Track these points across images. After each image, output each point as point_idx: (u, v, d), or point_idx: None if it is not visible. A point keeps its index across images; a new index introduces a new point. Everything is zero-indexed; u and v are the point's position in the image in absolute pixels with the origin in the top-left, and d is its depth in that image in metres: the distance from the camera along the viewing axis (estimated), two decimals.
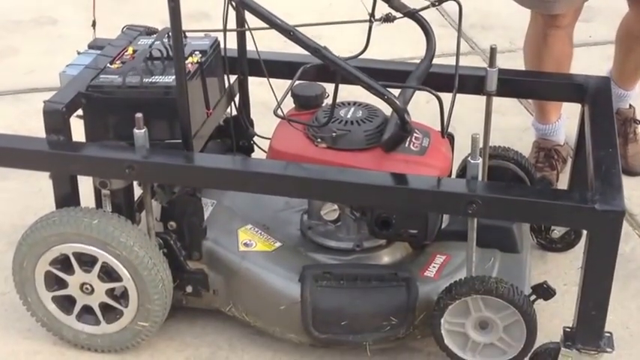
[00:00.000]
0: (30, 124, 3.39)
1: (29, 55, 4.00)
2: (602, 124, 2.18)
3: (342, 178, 2.02)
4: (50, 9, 4.44)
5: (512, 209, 1.96)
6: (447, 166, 2.23)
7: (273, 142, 2.24)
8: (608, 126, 2.16)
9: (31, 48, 4.07)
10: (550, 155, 3.02)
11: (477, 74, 2.40)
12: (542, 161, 3.01)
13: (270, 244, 2.30)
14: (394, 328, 2.18)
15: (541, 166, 2.99)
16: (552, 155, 3.02)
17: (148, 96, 2.13)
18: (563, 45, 2.85)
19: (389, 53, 3.63)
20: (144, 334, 2.26)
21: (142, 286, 2.17)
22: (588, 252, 1.93)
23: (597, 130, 2.14)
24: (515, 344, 2.11)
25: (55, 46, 4.02)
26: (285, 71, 2.40)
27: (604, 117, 2.21)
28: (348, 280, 2.18)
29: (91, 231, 2.12)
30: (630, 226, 2.85)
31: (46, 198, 2.86)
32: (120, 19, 2.41)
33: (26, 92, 3.67)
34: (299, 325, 2.19)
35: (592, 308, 1.99)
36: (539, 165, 2.99)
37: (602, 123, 2.18)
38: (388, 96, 1.98)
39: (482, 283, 2.05)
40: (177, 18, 1.97)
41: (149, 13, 4.38)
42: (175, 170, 2.09)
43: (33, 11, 4.42)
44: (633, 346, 2.36)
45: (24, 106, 3.56)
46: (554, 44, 2.83)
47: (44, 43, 4.10)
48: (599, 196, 1.91)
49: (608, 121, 2.19)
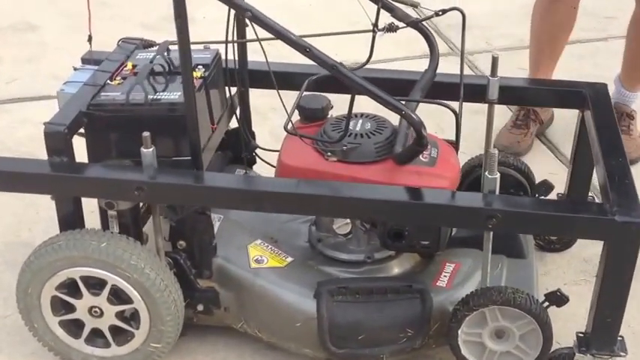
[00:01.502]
0: (17, 135, 3.34)
1: (10, 63, 3.93)
2: (609, 133, 2.19)
3: (360, 195, 2.01)
4: (28, 15, 4.35)
5: (531, 223, 1.97)
6: (456, 176, 2.22)
7: (282, 156, 2.22)
8: (615, 135, 2.17)
9: (12, 56, 3.99)
10: (528, 115, 3.25)
11: (479, 82, 2.39)
12: (521, 119, 3.26)
13: (282, 260, 2.27)
14: (410, 339, 2.17)
15: (520, 123, 3.25)
16: (530, 115, 3.25)
17: (153, 113, 2.10)
18: (568, 14, 3.05)
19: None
20: (156, 355, 2.23)
21: (153, 308, 2.13)
22: (606, 262, 1.94)
23: (605, 139, 2.15)
24: (532, 352, 2.12)
25: (37, 54, 3.95)
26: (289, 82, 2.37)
27: (609, 125, 2.22)
28: (364, 294, 2.17)
29: (100, 254, 2.08)
30: None
31: (39, 211, 2.84)
32: (100, 23, 2.36)
33: (10, 102, 3.61)
34: (315, 341, 2.18)
35: (608, 316, 2.00)
36: (518, 123, 3.25)
37: (608, 131, 2.19)
38: (405, 111, 1.97)
39: (500, 294, 2.05)
40: (184, 35, 1.94)
41: (129, 16, 4.35)
42: (186, 190, 2.06)
43: (10, 17, 4.33)
44: (636, 344, 2.37)
45: (9, 117, 3.49)
46: (557, 10, 3.04)
47: (24, 51, 4.02)
48: (618, 208, 1.91)
49: (614, 130, 2.20)
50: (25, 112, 3.53)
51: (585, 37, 4.17)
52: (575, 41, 4.15)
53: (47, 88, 3.65)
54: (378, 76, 2.41)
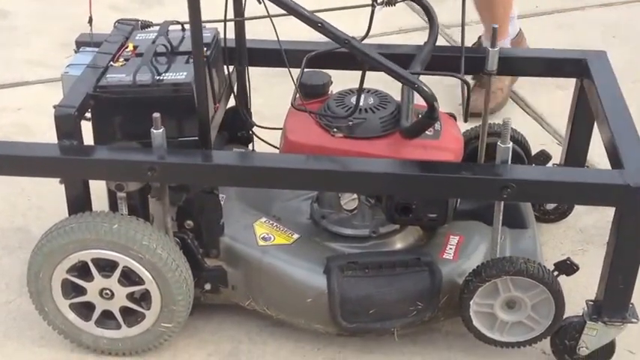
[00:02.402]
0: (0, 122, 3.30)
1: None
2: (614, 100, 2.21)
3: (374, 169, 2.02)
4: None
5: (546, 191, 1.99)
6: (461, 148, 2.24)
7: (288, 134, 2.22)
8: (621, 102, 2.20)
9: None
10: None
11: (477, 55, 2.42)
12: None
13: (289, 237, 2.28)
14: (420, 312, 2.19)
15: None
16: None
17: (161, 94, 2.08)
18: None
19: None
20: (167, 335, 2.23)
21: (165, 288, 2.13)
22: (619, 227, 1.97)
23: (611, 107, 2.17)
24: (544, 321, 2.15)
25: (9, 40, 3.89)
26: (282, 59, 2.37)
27: (614, 92, 2.24)
28: (373, 268, 2.19)
29: (112, 236, 2.07)
30: None
31: (30, 198, 2.82)
32: (69, 8, 2.32)
33: None
34: (326, 316, 2.19)
35: (620, 282, 2.03)
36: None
37: (613, 99, 2.21)
38: (418, 84, 1.97)
39: (512, 264, 2.08)
40: (197, 14, 1.93)
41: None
42: (198, 169, 2.06)
43: None
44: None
45: None
46: None
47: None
48: (631, 174, 1.94)
49: (619, 97, 2.22)
50: (3, 99, 3.48)
51: (562, 6, 4.20)
52: (552, 11, 4.22)
53: (22, 74, 3.62)
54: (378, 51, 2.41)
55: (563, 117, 3.21)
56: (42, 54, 3.81)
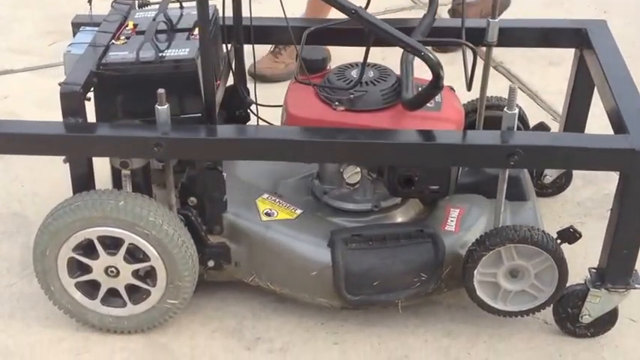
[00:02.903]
0: None
1: None
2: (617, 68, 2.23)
3: (384, 140, 2.03)
4: None
5: (553, 157, 2.01)
6: (461, 119, 2.26)
7: (290, 108, 2.23)
8: (623, 69, 2.21)
9: None
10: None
11: (477, 26, 2.43)
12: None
13: (292, 212, 2.30)
14: (424, 283, 2.21)
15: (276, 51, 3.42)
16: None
17: (164, 71, 2.09)
18: None
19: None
20: (172, 311, 2.24)
21: (171, 265, 2.14)
22: (623, 193, 1.99)
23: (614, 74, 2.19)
24: (547, 289, 2.17)
25: None
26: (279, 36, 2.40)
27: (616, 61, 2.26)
28: (377, 240, 2.20)
29: (118, 213, 2.08)
30: None
31: (25, 184, 2.83)
32: None
33: None
34: (331, 289, 2.21)
35: (625, 247, 2.06)
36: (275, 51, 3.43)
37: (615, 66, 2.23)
38: (425, 52, 1.98)
39: (516, 232, 2.10)
40: None
41: None
42: (204, 144, 2.07)
43: None
44: None
45: None
46: None
47: None
48: (637, 138, 1.97)
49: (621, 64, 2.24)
50: None
51: None
52: None
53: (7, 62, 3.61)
54: None
55: (557, 93, 3.26)
56: (25, 42, 3.82)
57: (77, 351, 2.26)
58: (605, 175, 2.84)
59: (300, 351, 2.26)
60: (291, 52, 3.44)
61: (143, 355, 2.25)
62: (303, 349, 2.27)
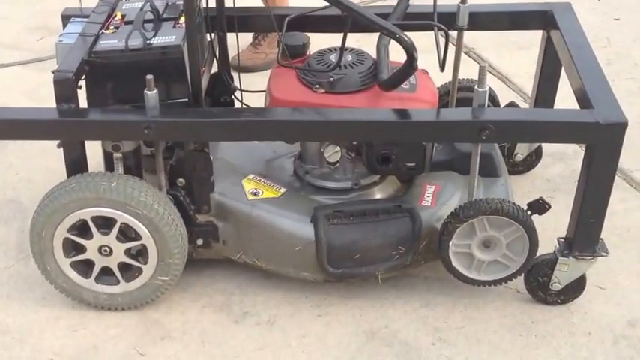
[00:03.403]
0: None
1: None
2: (581, 46, 2.35)
3: (362, 118, 2.15)
4: None
5: (522, 131, 2.13)
6: (435, 99, 2.38)
7: (273, 91, 2.34)
8: (587, 47, 2.34)
9: None
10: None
11: (448, 11, 2.54)
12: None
13: (276, 191, 2.41)
14: (402, 256, 2.33)
15: (255, 43, 3.57)
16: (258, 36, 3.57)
17: (152, 57, 2.19)
18: None
19: None
20: (164, 287, 2.35)
21: (162, 242, 2.25)
22: (590, 164, 2.11)
23: (578, 52, 2.31)
24: (518, 258, 2.30)
25: None
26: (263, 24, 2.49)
27: (580, 40, 2.38)
28: (358, 216, 2.32)
29: (111, 193, 2.18)
30: (578, 145, 3.05)
31: (19, 172, 2.93)
32: None
33: None
34: (314, 263, 2.33)
35: (591, 216, 2.18)
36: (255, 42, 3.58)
37: (580, 45, 2.35)
38: (399, 34, 2.10)
39: (488, 204, 2.22)
40: None
41: None
42: (192, 126, 2.17)
43: None
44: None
45: None
46: None
47: None
48: (601, 112, 2.09)
49: (585, 43, 2.36)
50: None
51: None
52: None
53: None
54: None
55: (526, 76, 3.38)
56: (14, 38, 3.92)
57: (74, 328, 2.37)
58: (573, 153, 2.97)
59: (286, 323, 2.38)
60: (270, 42, 3.56)
61: (136, 329, 2.36)
62: (288, 322, 2.38)
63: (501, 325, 2.35)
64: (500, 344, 2.29)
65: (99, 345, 2.31)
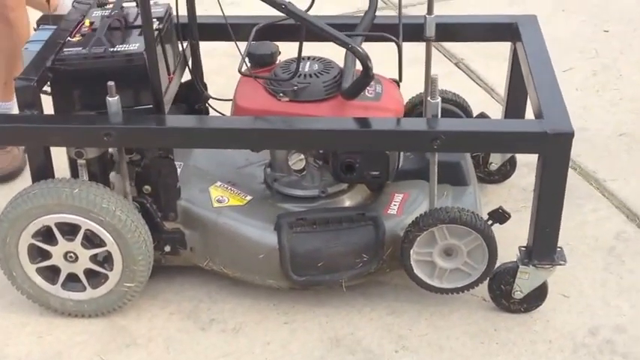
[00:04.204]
0: None
1: None
2: (539, 57, 2.36)
3: (312, 127, 2.17)
4: None
5: (473, 141, 2.15)
6: (400, 109, 2.39)
7: (237, 100, 2.36)
8: (545, 59, 2.35)
9: None
10: None
11: (415, 22, 2.55)
12: None
13: (242, 199, 2.43)
14: (366, 264, 2.34)
15: None
16: None
17: (115, 64, 2.22)
18: None
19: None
20: (130, 294, 2.36)
21: (126, 249, 2.27)
22: (542, 174, 2.12)
23: (535, 62, 2.33)
24: (479, 267, 2.30)
25: None
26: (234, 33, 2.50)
27: (540, 51, 2.40)
28: (321, 224, 2.33)
29: (73, 200, 2.20)
30: None
31: None
32: None
33: None
34: (278, 271, 2.34)
35: (546, 225, 2.19)
36: None
37: (538, 56, 2.37)
38: (352, 45, 2.12)
39: (447, 212, 2.23)
40: None
41: None
42: (152, 133, 2.20)
43: None
44: (576, 259, 2.58)
45: None
46: None
47: None
48: (549, 122, 2.10)
49: (544, 54, 2.37)
50: None
51: None
52: None
53: None
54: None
55: None
56: None
57: (39, 334, 2.38)
58: None
59: (252, 330, 2.39)
60: None
61: (102, 336, 2.38)
62: (254, 329, 2.40)
63: (464, 332, 2.35)
64: (462, 351, 2.29)
65: (64, 352, 2.33)
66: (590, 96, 3.49)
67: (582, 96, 3.48)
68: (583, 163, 3.04)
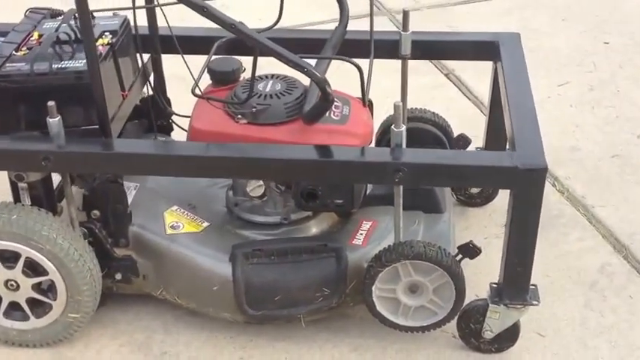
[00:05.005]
0: None
1: None
2: (518, 82, 2.20)
3: (267, 155, 2.01)
4: None
5: (437, 175, 1.98)
6: (368, 132, 2.23)
7: (193, 121, 2.21)
8: (524, 83, 2.18)
9: None
10: None
11: (391, 38, 2.41)
12: None
13: (198, 225, 2.28)
14: (327, 298, 2.19)
15: None
16: None
17: (59, 82, 2.07)
18: None
19: (300, 18, 3.65)
20: (76, 325, 2.23)
21: (69, 279, 2.13)
22: (513, 210, 1.96)
23: (513, 88, 2.16)
24: (446, 305, 2.15)
25: None
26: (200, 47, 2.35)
27: (518, 74, 2.23)
28: (279, 255, 2.18)
29: (11, 227, 2.07)
30: None
31: None
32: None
33: None
34: (233, 304, 2.19)
35: (517, 264, 2.03)
36: None
37: (517, 80, 2.20)
38: (307, 68, 1.96)
39: (411, 248, 2.07)
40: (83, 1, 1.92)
41: None
42: (94, 158, 2.05)
43: None
44: (555, 293, 2.43)
45: None
46: None
47: None
48: (521, 155, 1.93)
49: (523, 79, 2.21)
50: None
51: None
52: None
53: None
54: (287, 36, 2.41)
55: None
56: None
57: None
58: None
59: None
60: None
61: None
62: None
63: None
64: None
65: None
66: (584, 112, 3.33)
67: (576, 112, 3.32)
68: (572, 187, 2.88)
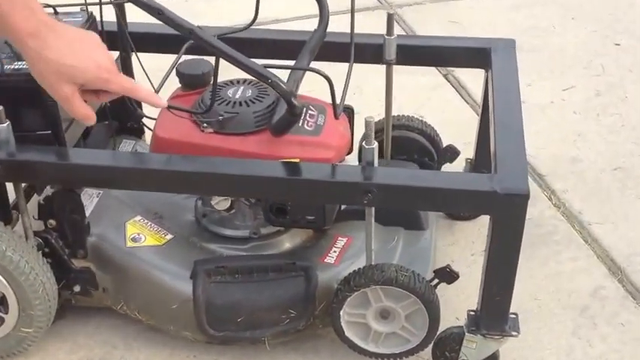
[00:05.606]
0: None
1: None
2: (505, 95, 2.04)
3: (230, 171, 1.86)
4: None
5: (409, 197, 1.83)
6: (344, 144, 2.09)
7: (156, 129, 2.08)
8: (512, 97, 2.03)
9: None
10: None
11: (376, 42, 2.26)
12: None
13: (161, 238, 2.15)
14: (294, 320, 2.06)
15: None
16: None
17: (11, 85, 1.94)
18: None
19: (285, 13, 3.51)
20: (29, 340, 2.11)
21: (20, 292, 2.01)
22: (492, 236, 1.81)
23: (499, 102, 2.01)
24: (419, 332, 2.01)
25: None
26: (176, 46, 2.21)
27: (508, 87, 2.07)
28: (244, 273, 2.05)
29: None
30: (539, 187, 2.77)
31: None
32: None
33: None
34: (194, 323, 2.06)
35: (496, 293, 1.88)
36: None
37: (504, 93, 2.05)
38: (272, 79, 1.81)
39: (382, 272, 1.93)
40: None
41: None
42: (47, 168, 1.92)
43: None
44: (542, 318, 2.29)
45: None
46: None
47: None
48: (502, 179, 1.78)
49: (512, 91, 2.05)
50: None
51: None
52: None
53: None
54: (265, 37, 2.28)
55: None
56: None
57: None
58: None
59: None
60: None
61: None
62: None
63: None
64: None
65: None
66: (588, 120, 3.17)
67: (579, 120, 3.16)
68: (569, 201, 2.73)
